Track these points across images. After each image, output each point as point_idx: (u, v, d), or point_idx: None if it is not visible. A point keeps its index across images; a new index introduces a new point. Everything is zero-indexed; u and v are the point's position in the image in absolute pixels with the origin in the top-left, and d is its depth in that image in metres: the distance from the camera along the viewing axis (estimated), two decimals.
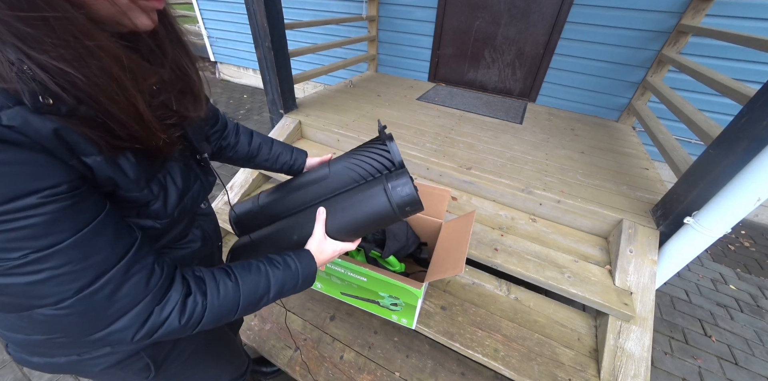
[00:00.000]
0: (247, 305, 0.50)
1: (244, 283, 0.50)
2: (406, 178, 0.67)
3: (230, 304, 0.48)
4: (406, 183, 0.66)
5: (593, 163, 1.80)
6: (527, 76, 2.65)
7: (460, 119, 2.22)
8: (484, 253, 1.34)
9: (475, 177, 1.61)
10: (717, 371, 1.52)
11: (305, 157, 0.89)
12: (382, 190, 0.67)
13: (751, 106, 1.04)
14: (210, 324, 0.46)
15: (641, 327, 1.13)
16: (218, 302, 0.47)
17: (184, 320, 0.43)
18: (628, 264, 1.26)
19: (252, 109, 3.87)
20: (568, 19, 2.28)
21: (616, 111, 2.46)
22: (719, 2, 1.87)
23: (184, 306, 0.43)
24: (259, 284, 0.52)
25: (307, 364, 1.21)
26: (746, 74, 1.98)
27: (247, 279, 0.51)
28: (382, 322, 1.37)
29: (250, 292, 0.50)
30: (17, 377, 1.30)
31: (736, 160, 1.04)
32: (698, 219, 1.14)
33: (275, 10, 1.67)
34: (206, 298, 0.46)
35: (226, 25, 3.94)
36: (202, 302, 0.45)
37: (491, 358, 1.10)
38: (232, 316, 0.49)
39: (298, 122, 2.01)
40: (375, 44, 3.03)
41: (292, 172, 0.88)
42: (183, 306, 0.43)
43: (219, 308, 0.47)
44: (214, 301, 0.46)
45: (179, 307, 0.43)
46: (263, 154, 0.83)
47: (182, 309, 0.43)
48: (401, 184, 0.66)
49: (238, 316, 0.50)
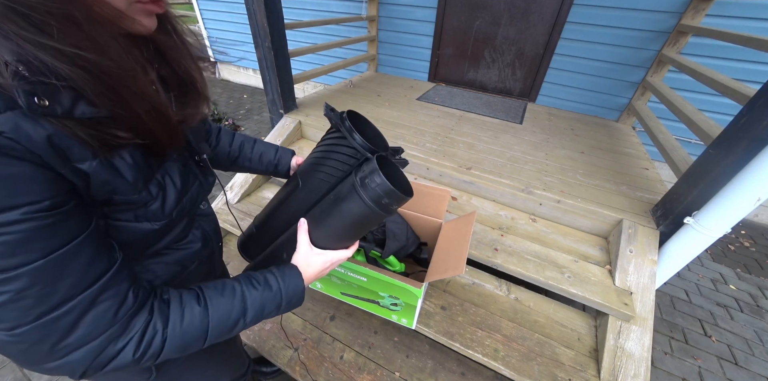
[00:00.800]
0: (217, 333, 0.45)
1: (214, 308, 0.45)
2: (372, 165, 0.56)
3: (196, 332, 0.43)
4: (373, 171, 0.54)
5: (593, 163, 1.80)
6: (527, 76, 2.65)
7: (460, 119, 2.22)
8: (484, 253, 1.34)
9: (475, 177, 1.61)
10: (717, 371, 1.52)
11: (290, 156, 0.83)
12: (352, 187, 0.56)
13: (751, 106, 1.04)
14: (172, 354, 0.41)
15: (641, 327, 1.13)
16: (180, 331, 0.41)
17: (139, 353, 0.38)
18: (628, 264, 1.26)
19: (252, 109, 3.87)
20: (568, 19, 2.28)
21: (616, 111, 2.46)
22: (719, 2, 1.87)
23: (142, 336, 0.38)
24: (233, 309, 0.46)
25: (306, 364, 1.22)
26: (746, 74, 1.98)
27: (219, 302, 0.45)
28: (382, 322, 1.37)
29: (221, 318, 0.45)
30: (17, 377, 1.30)
31: (736, 160, 1.04)
32: (698, 219, 1.14)
33: (275, 10, 1.67)
34: (167, 327, 0.40)
35: (226, 25, 3.94)
36: (162, 331, 0.40)
37: (491, 358, 1.10)
38: (199, 345, 0.44)
39: (298, 122, 2.01)
40: (375, 44, 3.03)
41: (279, 172, 0.83)
42: (141, 336, 0.38)
43: (181, 338, 0.41)
44: (176, 330, 0.41)
45: (137, 338, 0.38)
46: (245, 153, 0.78)
47: (140, 339, 0.38)
48: (368, 174, 0.55)
49: (207, 343, 0.45)
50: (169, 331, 0.40)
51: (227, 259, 1.55)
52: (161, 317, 0.40)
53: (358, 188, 0.55)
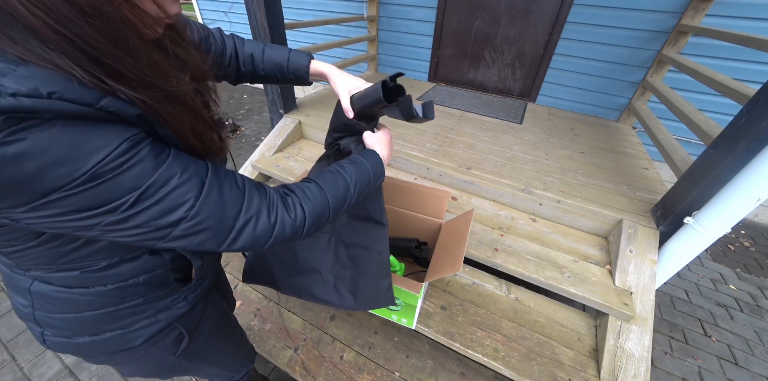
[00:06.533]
0: (336, 202, 0.55)
1: (324, 182, 0.55)
2: None
3: (322, 201, 0.53)
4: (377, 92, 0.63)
5: (593, 163, 1.80)
6: (527, 76, 2.65)
7: (460, 119, 2.22)
8: (484, 253, 1.34)
9: (475, 177, 1.60)
10: (717, 371, 1.52)
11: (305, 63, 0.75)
12: None
13: (751, 106, 1.04)
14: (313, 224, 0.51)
15: (641, 327, 1.13)
16: (312, 199, 0.52)
17: (292, 215, 0.49)
18: (628, 264, 1.26)
19: (252, 109, 3.87)
20: (568, 19, 2.28)
21: (616, 111, 2.46)
22: (719, 2, 1.87)
23: (284, 202, 0.49)
24: (338, 182, 0.57)
25: (306, 364, 1.21)
26: (746, 74, 1.98)
27: (325, 178, 0.57)
28: (382, 322, 1.37)
29: (334, 188, 0.56)
30: (17, 377, 1.30)
31: (736, 160, 1.04)
32: (698, 219, 1.14)
33: (275, 10, 1.66)
34: (298, 197, 0.51)
35: (226, 25, 3.94)
36: (300, 202, 0.51)
37: (491, 358, 1.10)
38: (327, 215, 0.54)
39: (298, 122, 2.01)
40: (375, 44, 3.03)
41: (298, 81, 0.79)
42: (284, 202, 0.49)
43: (314, 205, 0.52)
44: (308, 198, 0.52)
45: (281, 204, 0.48)
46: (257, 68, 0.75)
47: (284, 205, 0.49)
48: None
49: (332, 215, 0.55)
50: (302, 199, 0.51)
51: (226, 259, 1.55)
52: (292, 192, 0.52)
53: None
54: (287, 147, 1.99)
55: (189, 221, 0.39)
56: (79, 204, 0.34)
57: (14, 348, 1.40)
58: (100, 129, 0.34)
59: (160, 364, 0.66)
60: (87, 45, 0.31)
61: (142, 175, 0.36)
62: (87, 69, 0.32)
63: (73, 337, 0.53)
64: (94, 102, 0.32)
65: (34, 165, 0.30)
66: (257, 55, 0.74)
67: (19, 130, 0.29)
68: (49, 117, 0.30)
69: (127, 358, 0.61)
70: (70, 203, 0.33)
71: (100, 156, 0.33)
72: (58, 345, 0.54)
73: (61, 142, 0.31)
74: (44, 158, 0.30)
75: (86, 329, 0.53)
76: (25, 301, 0.51)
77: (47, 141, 0.30)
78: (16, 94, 0.28)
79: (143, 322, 0.56)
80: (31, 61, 0.30)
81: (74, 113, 0.31)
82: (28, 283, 0.48)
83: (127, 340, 0.56)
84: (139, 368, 0.66)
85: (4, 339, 1.44)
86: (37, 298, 0.49)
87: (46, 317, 0.51)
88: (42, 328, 0.53)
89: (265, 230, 0.46)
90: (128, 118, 0.36)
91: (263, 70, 0.75)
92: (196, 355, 0.71)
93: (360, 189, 0.60)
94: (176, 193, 0.38)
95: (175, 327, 0.61)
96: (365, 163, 0.63)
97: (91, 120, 0.33)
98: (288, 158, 1.89)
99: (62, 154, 0.31)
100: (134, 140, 0.36)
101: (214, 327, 0.73)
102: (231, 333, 0.84)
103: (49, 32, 0.29)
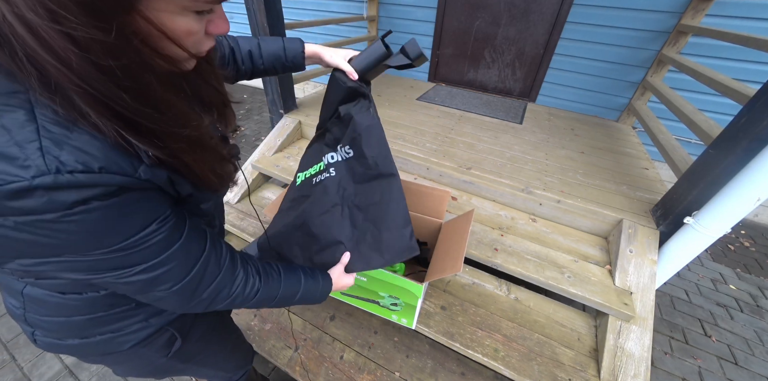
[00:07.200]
0: (281, 298, 0.60)
1: (286, 278, 0.62)
2: None
3: (274, 291, 0.59)
4: None
5: (593, 163, 1.80)
6: (527, 76, 2.65)
7: (460, 119, 2.22)
8: (484, 253, 1.34)
9: (475, 177, 1.60)
10: (717, 371, 1.52)
11: (301, 48, 0.78)
12: None
13: (751, 106, 1.03)
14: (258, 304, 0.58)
15: (641, 327, 1.13)
16: (270, 286, 0.58)
17: (246, 291, 0.54)
18: (628, 264, 1.26)
19: (252, 109, 3.87)
20: (568, 19, 2.28)
21: (616, 111, 2.46)
22: (719, 2, 1.87)
23: (246, 280, 0.54)
24: (293, 285, 0.63)
25: (306, 364, 1.21)
26: (746, 74, 1.98)
27: (289, 276, 0.63)
28: (382, 322, 1.37)
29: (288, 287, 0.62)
30: (17, 377, 1.30)
31: (736, 160, 1.04)
32: (698, 219, 1.14)
33: (275, 10, 1.66)
34: (261, 281, 0.57)
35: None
36: (258, 284, 0.56)
37: (491, 358, 1.10)
38: (269, 303, 0.59)
39: (298, 122, 2.01)
40: None
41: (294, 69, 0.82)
42: (246, 281, 0.54)
43: (268, 291, 0.57)
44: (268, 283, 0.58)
45: (243, 283, 0.54)
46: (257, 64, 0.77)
47: (245, 283, 0.54)
48: None
49: (272, 305, 0.60)
50: (262, 284, 0.57)
51: None
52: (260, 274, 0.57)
53: None
54: (287, 147, 1.99)
55: (166, 292, 0.45)
56: (86, 267, 0.37)
57: (14, 348, 1.40)
58: (142, 202, 0.37)
59: (152, 366, 0.66)
60: (113, 102, 0.32)
61: (153, 254, 0.40)
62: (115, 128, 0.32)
63: (63, 339, 0.54)
64: (132, 172, 0.34)
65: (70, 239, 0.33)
66: (255, 51, 0.75)
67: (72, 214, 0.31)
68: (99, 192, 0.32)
69: (118, 359, 0.61)
70: (77, 265, 0.36)
71: (127, 235, 0.36)
72: (48, 345, 0.55)
73: (102, 222, 0.34)
74: (80, 235, 0.33)
75: (76, 332, 0.53)
76: (17, 302, 0.51)
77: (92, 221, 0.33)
78: (73, 172, 0.30)
79: (134, 325, 0.56)
80: (78, 123, 0.31)
81: (119, 184, 0.33)
82: (21, 286, 0.48)
83: (118, 343, 0.56)
84: (132, 369, 0.67)
85: (4, 339, 1.44)
86: (28, 301, 0.49)
87: (36, 319, 0.52)
88: (33, 329, 0.53)
89: (219, 302, 0.52)
90: (160, 184, 0.38)
91: (263, 65, 0.77)
92: (189, 357, 0.71)
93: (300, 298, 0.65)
94: (171, 273, 0.43)
95: (167, 330, 0.62)
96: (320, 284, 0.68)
97: (133, 190, 0.35)
98: (288, 158, 1.89)
99: (98, 232, 0.34)
100: (163, 221, 0.40)
101: (208, 329, 0.73)
102: (226, 335, 0.84)
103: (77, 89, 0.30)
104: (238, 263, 0.54)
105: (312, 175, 0.88)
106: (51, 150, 0.29)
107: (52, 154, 0.29)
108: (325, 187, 0.82)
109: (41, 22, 0.26)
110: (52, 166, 0.29)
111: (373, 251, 0.74)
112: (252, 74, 0.78)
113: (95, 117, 0.31)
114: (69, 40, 0.27)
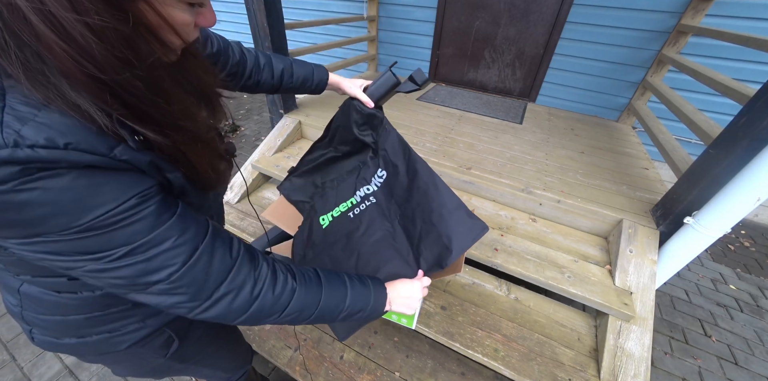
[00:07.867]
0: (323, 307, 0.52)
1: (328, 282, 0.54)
2: None
3: (313, 298, 0.51)
4: None
5: (593, 163, 1.80)
6: (527, 76, 2.65)
7: (460, 119, 2.22)
8: (484, 253, 1.34)
9: (475, 177, 1.60)
10: (717, 371, 1.52)
11: (326, 77, 0.90)
12: None
13: (751, 106, 1.03)
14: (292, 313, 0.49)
15: (641, 327, 1.13)
16: (306, 288, 0.50)
17: (277, 291, 0.47)
18: (628, 264, 1.26)
19: (252, 109, 3.87)
20: (568, 19, 2.28)
21: (616, 111, 2.46)
22: (719, 2, 1.87)
23: (275, 277, 0.48)
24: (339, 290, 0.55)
25: (306, 364, 1.21)
26: (746, 74, 1.98)
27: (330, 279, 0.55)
28: (382, 322, 1.37)
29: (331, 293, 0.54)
30: (17, 377, 1.30)
31: (736, 160, 1.04)
32: (698, 219, 1.14)
33: (275, 10, 1.66)
34: (295, 279, 0.50)
35: (227, 25, 3.94)
36: (292, 282, 0.49)
37: (491, 358, 1.10)
38: (308, 315, 0.51)
39: (298, 122, 2.01)
40: (375, 44, 3.03)
41: (315, 91, 0.91)
42: (274, 277, 0.48)
43: (305, 294, 0.50)
44: (304, 285, 0.50)
45: (270, 279, 0.47)
46: (286, 82, 0.85)
47: (273, 280, 0.47)
48: None
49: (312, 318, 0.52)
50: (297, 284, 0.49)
51: None
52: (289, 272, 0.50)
53: None
54: (287, 147, 1.99)
55: (168, 284, 0.40)
56: (68, 248, 0.35)
57: (14, 348, 1.40)
58: (112, 180, 0.34)
59: (149, 366, 0.66)
60: (124, 91, 0.32)
61: (138, 233, 0.36)
62: (113, 113, 0.32)
63: (60, 338, 0.54)
64: (107, 151, 0.33)
65: (36, 213, 0.31)
66: (287, 71, 0.84)
67: (30, 181, 0.29)
68: (63, 166, 0.31)
69: (116, 359, 0.61)
70: (59, 245, 0.34)
71: (102, 210, 0.34)
72: (45, 343, 0.55)
73: (67, 195, 0.32)
74: (47, 208, 0.31)
75: (73, 331, 0.53)
76: (14, 300, 0.51)
77: (54, 193, 0.31)
78: (33, 146, 0.28)
79: (131, 326, 0.56)
80: (53, 105, 0.30)
81: (87, 163, 0.32)
82: (18, 284, 0.48)
83: (115, 343, 0.56)
84: (131, 368, 0.67)
85: (4, 339, 1.44)
86: (25, 299, 0.50)
87: (34, 317, 0.52)
88: (30, 327, 0.54)
89: (243, 304, 0.45)
90: (140, 166, 0.36)
91: (292, 83, 0.85)
92: (187, 358, 0.71)
93: (350, 307, 0.56)
94: (165, 256, 0.38)
95: (164, 331, 0.61)
96: (370, 288, 0.60)
97: (103, 169, 0.34)
98: (288, 158, 1.88)
99: (65, 205, 0.32)
100: (144, 196, 0.37)
101: (206, 331, 0.73)
102: (224, 336, 0.83)
103: (85, 79, 0.30)
104: (259, 256, 0.49)
105: (345, 211, 0.91)
106: (11, 124, 0.28)
107: (12, 128, 0.28)
108: (371, 214, 0.86)
109: (64, 13, 0.26)
110: (9, 139, 0.28)
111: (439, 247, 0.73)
112: (276, 89, 0.85)
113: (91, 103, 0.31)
114: (88, 29, 0.28)
